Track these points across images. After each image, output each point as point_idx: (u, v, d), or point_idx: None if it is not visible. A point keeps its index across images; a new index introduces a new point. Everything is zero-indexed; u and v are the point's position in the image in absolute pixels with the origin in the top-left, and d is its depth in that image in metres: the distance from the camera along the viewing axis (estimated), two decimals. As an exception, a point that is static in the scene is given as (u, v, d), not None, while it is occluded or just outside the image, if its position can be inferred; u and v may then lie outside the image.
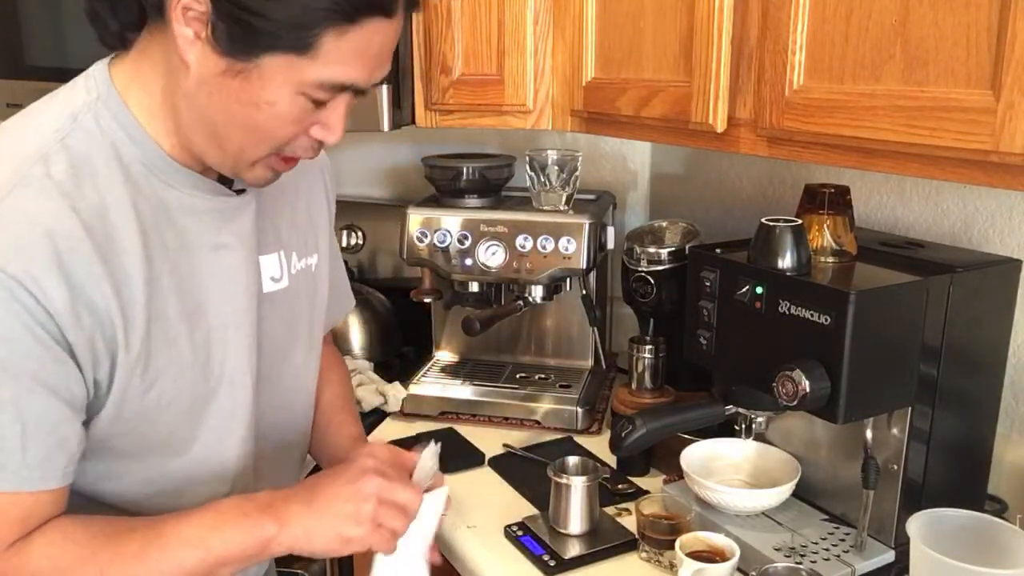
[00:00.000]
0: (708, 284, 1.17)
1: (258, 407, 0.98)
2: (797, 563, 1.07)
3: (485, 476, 1.42)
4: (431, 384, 1.65)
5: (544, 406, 1.58)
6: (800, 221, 1.12)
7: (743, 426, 1.20)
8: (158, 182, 0.86)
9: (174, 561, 0.82)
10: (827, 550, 1.11)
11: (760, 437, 1.23)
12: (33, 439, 0.78)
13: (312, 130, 0.85)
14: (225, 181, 0.93)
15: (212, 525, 0.84)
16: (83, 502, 0.87)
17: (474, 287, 1.59)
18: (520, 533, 1.22)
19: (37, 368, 0.77)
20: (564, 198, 1.54)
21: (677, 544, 1.07)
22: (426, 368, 1.72)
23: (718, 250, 1.20)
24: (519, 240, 1.51)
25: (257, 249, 0.97)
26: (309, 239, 1.06)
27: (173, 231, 0.87)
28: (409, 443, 1.49)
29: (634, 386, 1.45)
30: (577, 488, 1.20)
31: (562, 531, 1.21)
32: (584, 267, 1.50)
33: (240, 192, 0.94)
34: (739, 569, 1.07)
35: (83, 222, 0.78)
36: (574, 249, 1.49)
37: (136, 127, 0.85)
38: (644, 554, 1.17)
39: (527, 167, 1.54)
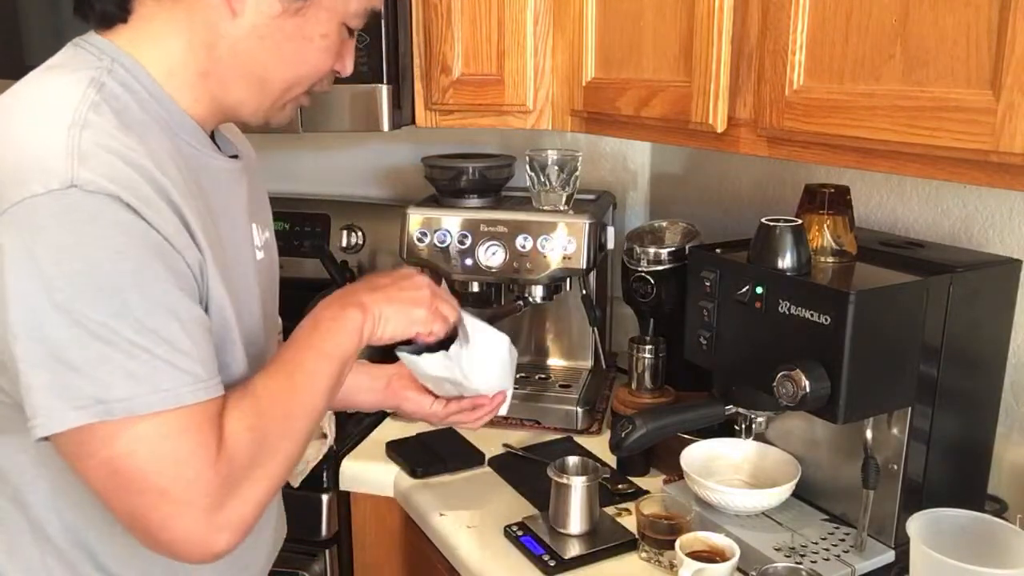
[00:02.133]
0: (708, 284, 1.17)
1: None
2: (797, 563, 1.07)
3: (485, 476, 1.42)
4: (431, 384, 1.65)
5: (544, 406, 1.57)
6: (800, 221, 1.12)
7: (743, 426, 1.21)
8: (182, 140, 0.88)
9: (321, 378, 0.89)
10: (827, 550, 1.11)
11: (760, 437, 1.23)
12: (200, 347, 0.79)
13: (335, 64, 0.94)
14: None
15: (319, 341, 0.91)
16: None
17: (474, 287, 1.59)
18: (520, 533, 1.22)
19: (178, 281, 0.78)
20: (564, 198, 1.54)
21: (677, 544, 1.07)
22: (426, 368, 1.72)
23: (718, 250, 1.20)
24: (519, 240, 1.51)
25: (249, 217, 0.99)
26: (265, 214, 1.09)
27: (200, 187, 0.88)
28: (409, 443, 1.50)
29: (634, 386, 1.45)
30: (577, 488, 1.20)
31: (562, 531, 1.21)
32: (584, 267, 1.50)
33: (234, 159, 0.97)
34: (739, 569, 1.07)
35: (155, 161, 0.80)
36: (574, 249, 1.49)
37: (156, 87, 0.86)
38: (644, 554, 1.17)
39: (527, 167, 1.54)
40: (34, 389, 0.73)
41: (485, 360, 1.12)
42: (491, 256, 1.52)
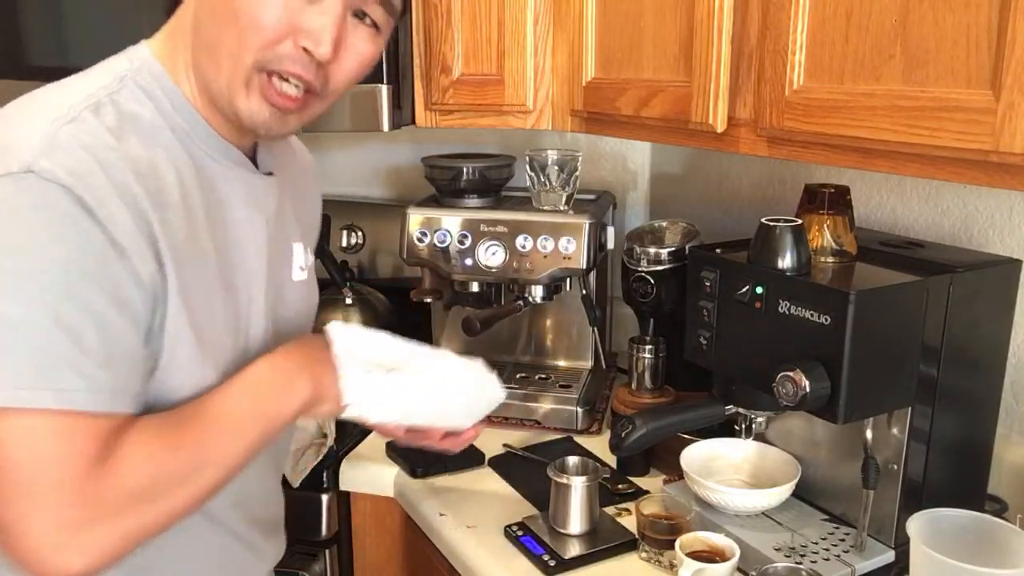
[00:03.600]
0: (708, 284, 1.17)
1: None
2: (797, 563, 1.07)
3: (485, 476, 1.42)
4: (431, 384, 1.65)
5: (544, 406, 1.58)
6: (800, 221, 1.12)
7: (743, 426, 1.21)
8: (200, 151, 0.88)
9: (244, 438, 0.85)
10: (827, 550, 1.11)
11: (760, 437, 1.23)
12: (116, 359, 0.76)
13: (301, 40, 0.82)
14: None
15: (262, 397, 0.86)
16: None
17: (474, 287, 1.59)
18: (520, 533, 1.22)
19: (114, 288, 0.76)
20: (564, 198, 1.54)
21: (677, 544, 1.07)
22: (426, 368, 1.72)
23: (718, 250, 1.20)
24: (519, 240, 1.51)
25: (288, 235, 0.99)
26: (310, 239, 1.09)
27: (214, 200, 0.88)
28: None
29: (634, 386, 1.45)
30: (577, 488, 1.20)
31: (562, 531, 1.21)
32: (584, 267, 1.50)
33: (268, 176, 0.96)
34: (739, 569, 1.07)
35: (133, 165, 0.79)
36: (574, 249, 1.49)
37: (178, 95, 0.86)
38: (644, 554, 1.17)
39: (527, 167, 1.54)
40: None
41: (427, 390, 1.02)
42: (491, 256, 1.52)
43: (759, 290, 1.10)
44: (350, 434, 1.55)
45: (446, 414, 1.03)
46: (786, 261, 1.08)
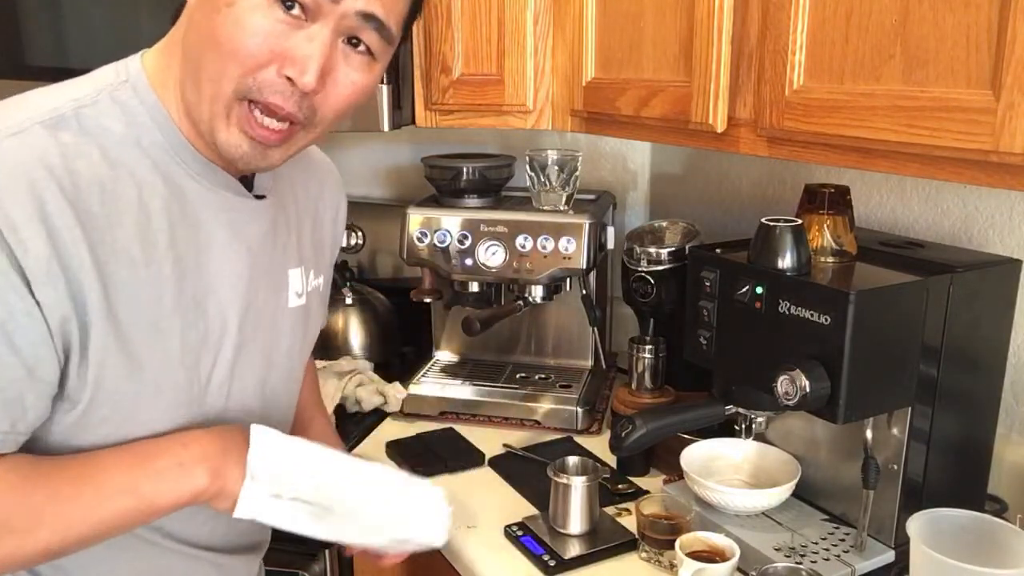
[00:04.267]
0: (708, 284, 1.17)
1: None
2: (797, 563, 1.07)
3: (485, 476, 1.42)
4: (431, 384, 1.65)
5: (544, 406, 1.58)
6: (800, 221, 1.12)
7: (743, 426, 1.20)
8: (179, 170, 0.84)
9: (107, 508, 0.79)
10: (827, 550, 1.11)
11: (760, 437, 1.23)
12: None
13: (285, 68, 0.77)
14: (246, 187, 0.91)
15: (145, 473, 0.81)
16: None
17: (474, 287, 1.59)
18: (520, 533, 1.22)
19: (5, 317, 0.73)
20: (564, 198, 1.54)
21: (677, 544, 1.07)
22: (426, 368, 1.72)
23: (718, 250, 1.20)
24: (519, 240, 1.51)
25: (282, 261, 0.96)
26: (320, 259, 1.06)
27: (187, 223, 0.85)
28: (409, 443, 1.50)
29: (634, 386, 1.45)
30: (577, 488, 1.20)
31: (562, 531, 1.21)
32: (584, 267, 1.50)
33: (260, 198, 0.92)
34: (739, 569, 1.07)
35: (74, 184, 0.75)
36: (574, 249, 1.50)
37: (162, 113, 0.83)
38: (644, 554, 1.17)
39: (527, 167, 1.54)
40: None
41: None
42: (491, 256, 1.52)
43: (759, 290, 1.10)
44: (350, 434, 1.55)
45: (357, 539, 0.96)
46: (786, 261, 1.08)
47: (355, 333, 1.83)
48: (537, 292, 1.56)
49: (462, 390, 1.63)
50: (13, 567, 0.78)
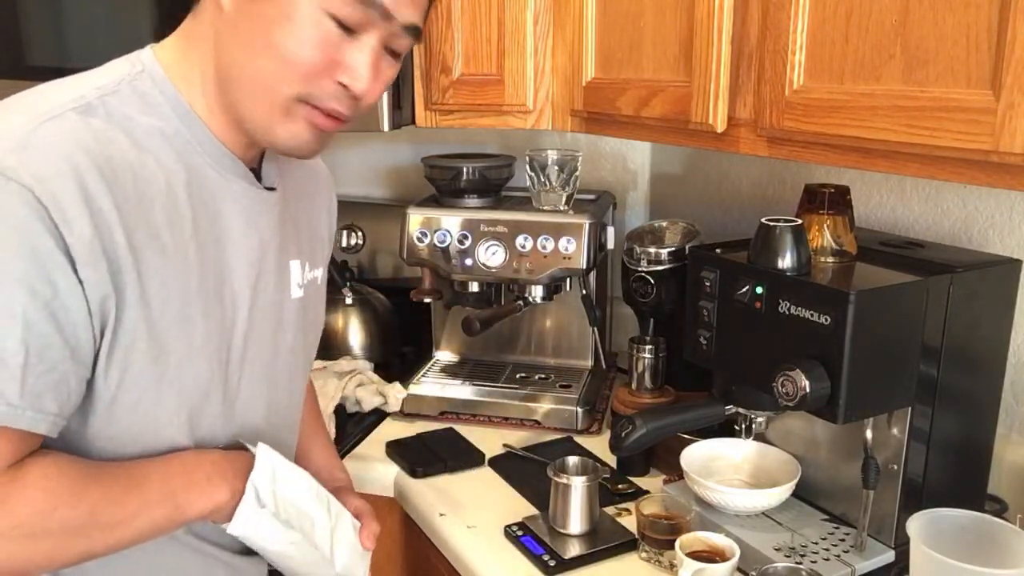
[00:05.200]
0: (708, 284, 1.17)
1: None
2: (797, 563, 1.07)
3: (485, 476, 1.42)
4: (431, 384, 1.65)
5: (544, 406, 1.58)
6: (800, 221, 1.12)
7: (743, 426, 1.20)
8: (199, 160, 0.86)
9: (148, 514, 0.83)
10: (827, 550, 1.11)
11: (760, 437, 1.23)
12: (34, 371, 0.74)
13: (338, 75, 0.82)
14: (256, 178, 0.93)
15: (182, 484, 0.85)
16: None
17: (474, 287, 1.59)
18: (520, 533, 1.22)
19: (51, 296, 0.74)
20: (564, 198, 1.55)
21: (677, 544, 1.07)
22: (426, 368, 1.72)
23: (718, 250, 1.20)
24: (519, 240, 1.51)
25: (286, 252, 0.97)
26: (317, 251, 1.07)
27: (207, 210, 0.86)
28: (409, 443, 1.50)
29: (634, 386, 1.45)
30: (577, 488, 1.20)
31: (562, 531, 1.21)
32: (584, 267, 1.50)
33: (270, 190, 0.95)
34: (739, 569, 1.07)
35: (111, 169, 0.77)
36: (574, 249, 1.50)
37: (181, 103, 0.85)
38: (644, 554, 1.17)
39: (527, 167, 1.54)
40: None
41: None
42: (491, 256, 1.52)
43: (759, 290, 1.10)
44: (350, 434, 1.55)
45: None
46: (786, 261, 1.08)
47: (355, 333, 1.83)
48: (537, 292, 1.56)
49: (462, 390, 1.63)
50: (63, 564, 0.81)
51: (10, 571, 0.78)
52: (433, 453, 1.46)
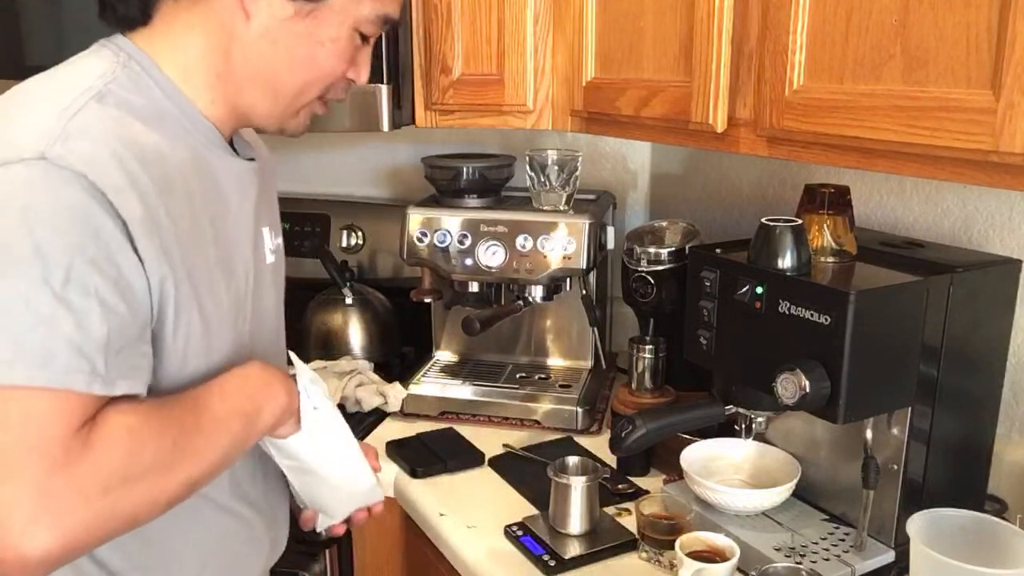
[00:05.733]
0: (708, 284, 1.17)
1: None
2: (797, 563, 1.07)
3: (485, 476, 1.42)
4: (431, 384, 1.65)
5: (544, 406, 1.58)
6: (800, 221, 1.12)
7: (743, 426, 1.20)
8: (195, 139, 0.89)
9: (226, 432, 0.85)
10: (827, 550, 1.11)
11: (760, 437, 1.23)
12: (115, 347, 0.76)
13: (348, 72, 0.95)
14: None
15: (245, 395, 0.88)
16: None
17: (474, 287, 1.59)
18: (520, 533, 1.22)
19: (117, 276, 0.76)
20: (564, 198, 1.54)
21: (677, 544, 1.07)
22: (426, 368, 1.72)
23: (718, 250, 1.20)
24: (519, 240, 1.51)
25: (260, 220, 1.01)
26: (277, 219, 1.10)
27: (209, 186, 0.90)
28: (409, 443, 1.50)
29: (634, 386, 1.45)
30: (577, 488, 1.20)
31: (562, 531, 1.21)
32: (584, 267, 1.50)
33: (250, 161, 0.99)
34: (739, 569, 1.07)
35: (141, 151, 0.80)
36: (574, 249, 1.50)
37: (170, 84, 0.88)
38: (644, 554, 1.17)
39: (527, 167, 1.54)
40: None
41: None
42: (491, 256, 1.52)
43: (759, 290, 1.10)
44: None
45: (341, 477, 1.02)
46: (786, 261, 1.08)
47: (355, 333, 1.83)
48: (537, 292, 1.56)
49: (462, 390, 1.63)
50: (168, 503, 0.81)
51: (123, 521, 0.77)
52: (433, 453, 1.46)
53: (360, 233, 2.01)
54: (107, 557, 0.87)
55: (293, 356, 1.00)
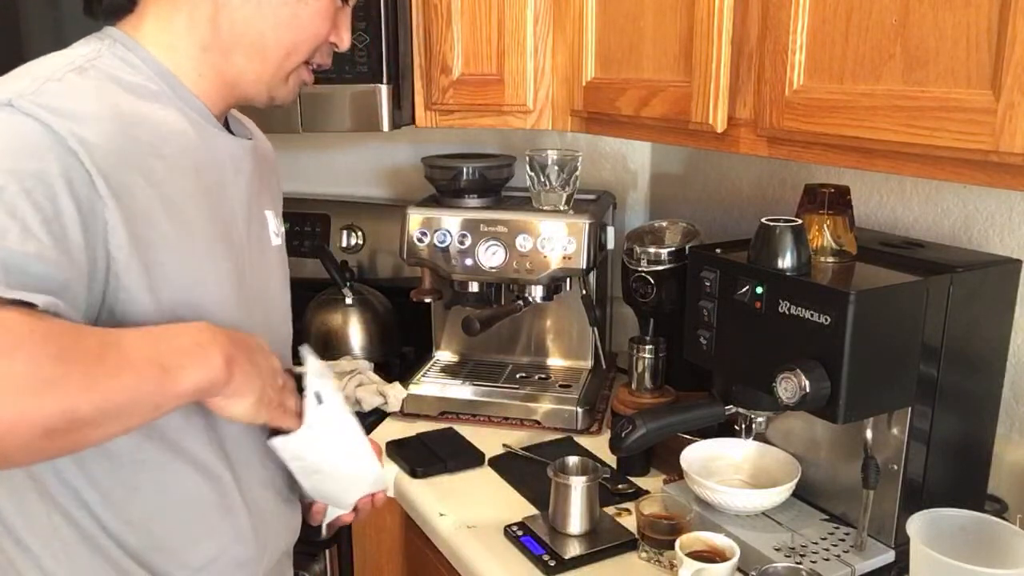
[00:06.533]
0: (708, 284, 1.17)
1: None
2: (797, 563, 1.07)
3: (485, 476, 1.42)
4: (431, 384, 1.65)
5: (544, 406, 1.58)
6: (800, 221, 1.12)
7: (743, 426, 1.20)
8: (186, 115, 0.90)
9: (133, 374, 0.74)
10: (827, 550, 1.11)
11: (760, 437, 1.23)
12: (31, 269, 0.72)
13: (331, 36, 0.97)
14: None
15: (168, 347, 0.77)
16: None
17: (474, 287, 1.59)
18: (520, 533, 1.22)
19: (53, 214, 0.74)
20: (564, 198, 1.54)
21: (677, 544, 1.07)
22: (426, 368, 1.72)
23: (718, 250, 1.20)
24: (519, 240, 1.51)
25: (261, 202, 1.02)
26: (279, 206, 1.11)
27: (202, 159, 0.91)
28: (409, 443, 1.50)
29: (634, 386, 1.45)
30: (577, 488, 1.20)
31: (562, 531, 1.21)
32: (584, 267, 1.50)
33: (246, 140, 1.00)
34: (739, 569, 1.07)
35: (121, 114, 0.82)
36: (574, 249, 1.50)
37: (159, 64, 0.90)
38: (644, 554, 1.17)
39: (527, 167, 1.54)
40: None
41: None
42: (491, 256, 1.52)
43: (759, 290, 1.10)
44: (350, 434, 1.55)
45: (348, 470, 1.01)
46: (786, 261, 1.08)
47: (355, 333, 1.83)
48: (537, 292, 1.56)
49: (462, 390, 1.63)
50: (40, 427, 0.68)
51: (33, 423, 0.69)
52: (433, 453, 1.46)
53: (360, 233, 2.01)
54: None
55: (305, 348, 0.98)
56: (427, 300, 1.66)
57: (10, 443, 0.68)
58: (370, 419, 1.61)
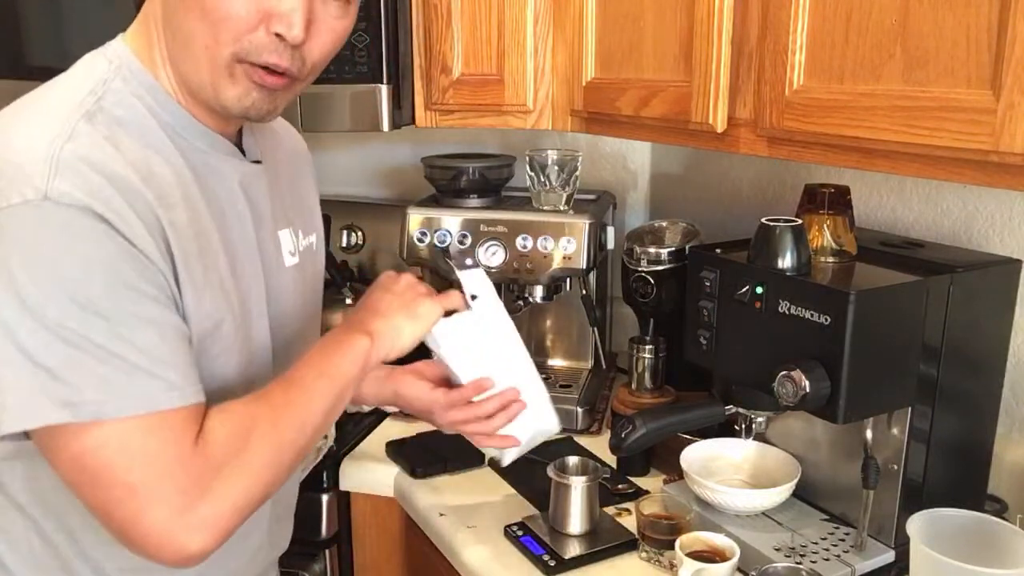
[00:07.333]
0: (708, 284, 1.17)
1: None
2: (797, 563, 1.07)
3: (485, 476, 1.42)
4: (431, 384, 1.65)
5: (544, 406, 1.57)
6: (800, 221, 1.12)
7: (743, 426, 1.21)
8: (189, 144, 0.87)
9: (315, 395, 0.89)
10: (827, 550, 1.11)
11: (760, 437, 1.23)
12: (181, 355, 0.80)
13: (273, 26, 0.81)
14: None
15: (322, 358, 0.92)
16: None
17: (474, 287, 1.59)
18: (520, 533, 1.22)
19: (157, 288, 0.79)
20: (564, 198, 1.54)
21: (677, 544, 1.07)
22: (426, 368, 1.72)
23: (718, 250, 1.20)
24: (519, 240, 1.51)
25: (275, 223, 0.99)
26: (307, 219, 1.09)
27: (210, 191, 0.89)
28: (409, 443, 1.49)
29: (634, 386, 1.45)
30: (577, 488, 1.20)
31: (562, 531, 1.21)
32: (584, 267, 1.50)
33: (255, 163, 0.97)
34: (739, 569, 1.07)
35: (136, 173, 0.79)
36: (574, 249, 1.49)
37: (161, 92, 0.86)
38: (644, 554, 1.17)
39: (527, 167, 1.54)
40: (5, 385, 0.74)
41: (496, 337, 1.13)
42: (491, 256, 1.52)
43: (759, 290, 1.10)
44: (350, 434, 1.55)
45: (517, 371, 1.14)
46: (786, 261, 1.08)
47: (355, 333, 1.82)
48: (537, 292, 1.56)
49: (462, 390, 1.62)
50: (285, 465, 0.87)
51: (258, 494, 0.83)
52: (433, 453, 1.45)
53: (360, 233, 2.01)
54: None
55: (464, 257, 1.06)
56: (427, 300, 1.65)
57: (275, 482, 0.87)
58: (370, 419, 1.61)
